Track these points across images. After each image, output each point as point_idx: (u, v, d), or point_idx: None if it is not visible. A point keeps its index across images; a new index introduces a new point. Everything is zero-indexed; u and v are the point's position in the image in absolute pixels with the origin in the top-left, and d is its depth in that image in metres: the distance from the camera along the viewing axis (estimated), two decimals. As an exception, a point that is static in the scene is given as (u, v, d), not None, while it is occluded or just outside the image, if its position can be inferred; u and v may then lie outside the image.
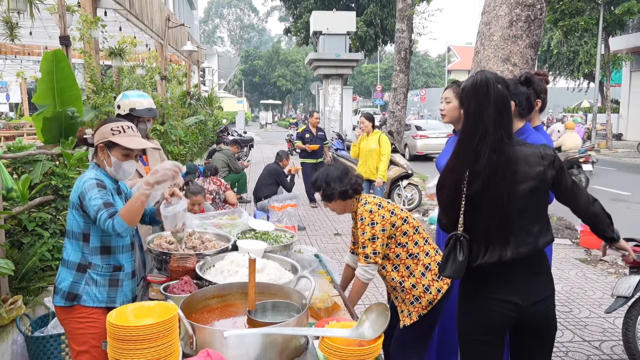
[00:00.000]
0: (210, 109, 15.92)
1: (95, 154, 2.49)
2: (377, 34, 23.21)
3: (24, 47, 12.65)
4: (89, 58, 6.23)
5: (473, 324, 2.20)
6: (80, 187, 2.34)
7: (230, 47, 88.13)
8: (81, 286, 2.37)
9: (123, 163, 2.43)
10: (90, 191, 2.29)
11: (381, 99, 38.78)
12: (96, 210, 2.25)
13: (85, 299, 2.36)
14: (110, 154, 2.41)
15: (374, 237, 2.64)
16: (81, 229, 2.37)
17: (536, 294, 2.13)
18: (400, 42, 12.23)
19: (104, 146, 2.41)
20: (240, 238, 3.15)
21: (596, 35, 20.94)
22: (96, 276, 2.38)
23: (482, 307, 2.15)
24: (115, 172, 2.45)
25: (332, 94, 17.17)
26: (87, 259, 2.38)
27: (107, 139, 2.40)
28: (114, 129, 2.41)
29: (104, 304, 2.38)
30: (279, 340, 1.90)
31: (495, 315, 2.13)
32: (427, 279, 2.72)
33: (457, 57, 60.72)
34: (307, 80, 54.37)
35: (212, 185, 7.19)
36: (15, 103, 22.13)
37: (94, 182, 2.33)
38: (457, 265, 2.08)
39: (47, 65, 4.19)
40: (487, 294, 2.14)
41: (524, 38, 6.95)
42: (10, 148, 3.98)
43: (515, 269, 2.09)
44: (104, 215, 2.23)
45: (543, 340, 2.23)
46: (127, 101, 3.35)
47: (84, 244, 2.38)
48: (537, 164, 2.08)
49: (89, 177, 2.37)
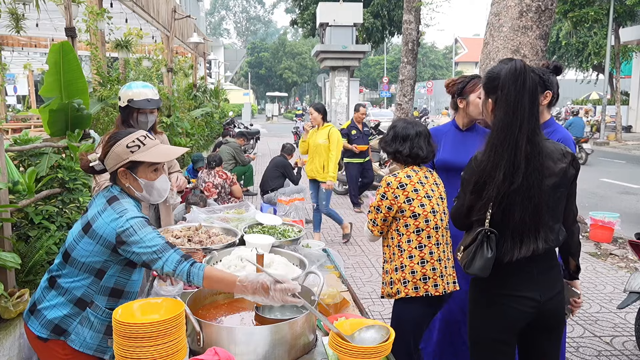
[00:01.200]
0: (216, 101, 15.90)
1: (114, 180, 2.08)
2: (384, 26, 23.03)
3: (31, 39, 12.66)
4: (96, 50, 6.21)
5: (490, 323, 2.15)
6: (121, 224, 1.92)
7: (236, 39, 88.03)
8: (74, 324, 2.02)
9: (155, 182, 2.06)
10: (141, 230, 1.92)
11: (388, 91, 38.60)
12: (159, 251, 1.90)
13: (73, 338, 2.02)
14: (137, 176, 2.04)
15: (378, 208, 2.64)
16: (99, 265, 1.99)
17: (552, 288, 2.10)
18: (408, 34, 12.12)
19: (125, 170, 2.02)
20: (248, 232, 3.12)
21: (606, 26, 20.69)
22: (94, 318, 2.02)
23: (501, 305, 2.11)
24: (148, 195, 2.07)
25: (338, 86, 17.11)
26: (91, 296, 2.02)
27: (126, 160, 2.00)
28: (130, 145, 2.01)
29: (92, 352, 2.04)
30: (288, 338, 1.87)
31: (514, 313, 2.09)
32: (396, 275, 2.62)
33: (465, 48, 60.29)
34: (314, 73, 54.19)
35: (217, 179, 7.14)
36: (22, 95, 22.21)
37: (142, 219, 1.95)
38: (484, 261, 2.02)
39: (54, 57, 4.16)
40: (507, 291, 2.09)
41: (534, 29, 6.85)
42: (16, 141, 3.97)
43: (533, 264, 2.06)
44: (173, 257, 1.90)
45: (552, 334, 2.20)
46: (128, 92, 3.19)
47: (95, 280, 2.01)
48: (560, 160, 2.05)
49: (133, 214, 1.96)
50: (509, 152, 1.97)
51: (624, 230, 7.02)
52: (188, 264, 1.90)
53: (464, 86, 2.97)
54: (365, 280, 5.45)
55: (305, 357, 1.93)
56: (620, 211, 7.11)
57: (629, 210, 8.98)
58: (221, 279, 1.92)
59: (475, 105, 2.90)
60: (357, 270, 5.79)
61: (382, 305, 4.73)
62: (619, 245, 6.74)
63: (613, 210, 7.10)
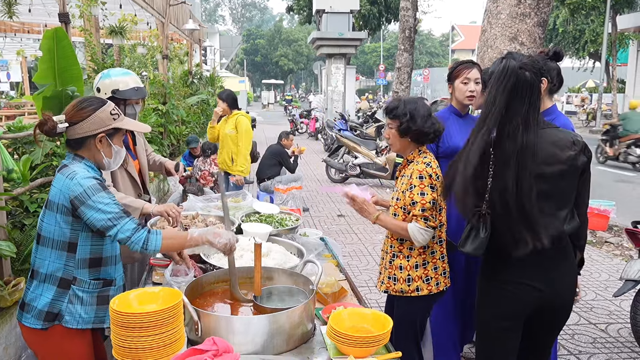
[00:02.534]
0: (212, 88, 15.78)
1: (79, 145, 2.05)
2: (380, 12, 22.91)
3: (24, 24, 12.50)
4: (90, 36, 6.13)
5: (495, 311, 2.17)
6: (72, 188, 1.93)
7: (231, 26, 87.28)
8: (63, 304, 2.02)
9: (121, 150, 2.15)
10: (96, 195, 1.92)
11: (384, 79, 38.47)
12: (114, 218, 1.91)
13: (67, 319, 2.02)
14: (112, 143, 2.08)
15: (434, 201, 2.40)
16: (67, 238, 1.99)
17: (560, 281, 2.10)
18: (405, 21, 12.04)
19: (104, 135, 2.05)
20: (245, 221, 3.10)
21: (603, 13, 20.61)
22: (82, 293, 2.03)
23: (506, 293, 2.12)
24: (112, 162, 2.12)
25: (335, 74, 17.02)
26: (72, 273, 2.02)
27: (109, 126, 2.04)
28: (113, 112, 2.07)
29: (91, 325, 2.07)
30: (286, 327, 1.86)
31: (518, 301, 2.11)
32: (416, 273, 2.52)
33: (461, 36, 60.01)
34: (310, 60, 53.93)
35: (214, 167, 7.11)
36: (15, 82, 22.00)
37: (95, 183, 1.95)
38: (479, 242, 2.05)
39: (47, 44, 4.09)
40: (512, 279, 2.11)
41: (532, 16, 6.81)
42: (10, 128, 3.92)
43: (542, 255, 2.05)
44: (129, 224, 1.92)
45: (553, 326, 2.22)
46: (108, 81, 2.86)
47: (69, 255, 2.01)
48: (569, 148, 2.04)
49: (84, 175, 1.96)
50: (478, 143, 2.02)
51: (619, 218, 7.05)
52: (145, 231, 1.96)
53: (452, 72, 3.06)
54: (362, 269, 5.46)
55: (304, 346, 1.93)
56: (616, 199, 7.14)
57: (624, 198, 9.01)
58: (176, 236, 2.07)
59: (459, 90, 3.00)
60: (354, 258, 5.79)
61: (379, 294, 4.74)
62: (614, 233, 6.78)
63: (608, 199, 7.13)
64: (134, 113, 2.98)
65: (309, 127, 19.68)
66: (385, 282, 2.61)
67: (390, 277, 2.58)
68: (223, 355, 1.63)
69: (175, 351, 1.71)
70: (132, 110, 2.96)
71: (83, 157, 2.06)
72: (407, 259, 2.54)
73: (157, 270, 2.57)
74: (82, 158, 2.05)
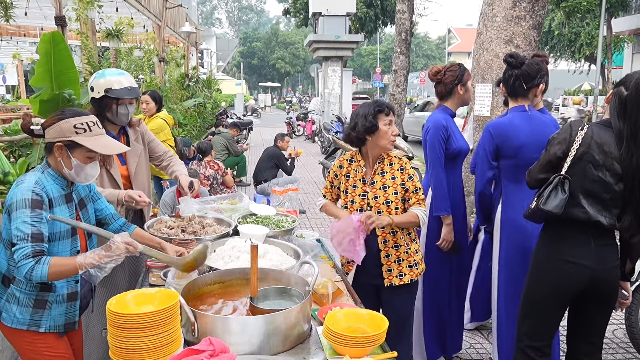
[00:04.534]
0: (209, 91, 15.80)
1: (48, 151, 2.10)
2: (377, 15, 22.97)
3: (20, 28, 12.50)
4: (86, 39, 6.14)
5: (547, 285, 2.36)
6: (13, 195, 1.96)
7: (228, 29, 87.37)
8: (2, 301, 2.08)
9: (86, 166, 2.09)
10: (21, 209, 1.92)
11: (381, 82, 38.51)
12: (20, 238, 1.89)
13: (4, 316, 2.07)
14: (72, 156, 2.05)
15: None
16: (9, 237, 1.98)
17: (608, 260, 2.27)
18: (401, 24, 12.08)
19: (62, 146, 2.04)
20: (241, 223, 3.11)
21: (598, 16, 20.71)
22: (19, 294, 2.05)
23: (559, 270, 2.30)
24: (75, 175, 2.09)
25: (331, 76, 17.05)
26: (12, 272, 2.04)
27: (68, 137, 2.03)
28: (78, 126, 2.04)
29: (25, 327, 2.07)
30: (282, 328, 1.87)
31: (570, 279, 2.28)
32: (419, 254, 2.83)
33: (458, 39, 60.18)
34: (307, 63, 53.95)
35: (209, 170, 7.10)
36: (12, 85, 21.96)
37: (28, 198, 1.94)
38: (559, 201, 2.20)
39: (44, 47, 4.10)
40: (565, 257, 2.29)
41: (527, 19, 6.85)
42: (6, 131, 3.93)
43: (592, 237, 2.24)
44: (25, 250, 1.88)
45: (604, 304, 2.37)
46: (102, 80, 2.84)
47: (11, 254, 1.98)
48: None
49: (26, 187, 1.96)
50: None
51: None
52: (33, 261, 1.88)
53: (464, 74, 3.19)
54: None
55: (300, 347, 1.93)
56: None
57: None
58: (63, 264, 1.93)
59: (470, 91, 3.23)
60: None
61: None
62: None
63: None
64: (127, 113, 2.94)
65: (305, 130, 19.71)
66: (406, 272, 2.75)
67: (412, 265, 2.76)
68: (220, 356, 1.64)
69: (172, 352, 1.72)
70: (125, 110, 2.91)
71: (49, 166, 2.10)
72: (415, 242, 2.83)
73: (154, 272, 2.58)
74: (48, 166, 2.10)
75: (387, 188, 2.69)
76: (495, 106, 7.03)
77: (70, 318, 2.18)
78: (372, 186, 2.72)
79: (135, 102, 3.01)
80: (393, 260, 2.73)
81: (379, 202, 2.68)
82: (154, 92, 5.85)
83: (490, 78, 7.06)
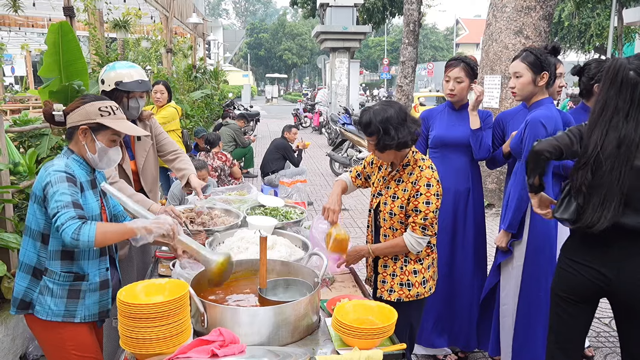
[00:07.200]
0: (216, 82, 15.78)
1: (70, 137, 2.12)
2: (384, 6, 22.79)
3: (28, 18, 12.53)
4: (94, 30, 6.14)
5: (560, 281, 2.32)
6: (45, 177, 1.97)
7: (235, 20, 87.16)
8: (35, 294, 2.05)
9: (110, 150, 2.12)
10: (57, 184, 1.93)
11: (388, 73, 38.37)
12: (61, 206, 1.88)
13: (38, 309, 2.04)
14: (96, 139, 2.08)
15: (436, 210, 2.38)
16: (40, 228, 2.02)
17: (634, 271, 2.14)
18: (409, 14, 11.99)
19: (87, 128, 2.06)
20: (250, 214, 3.12)
21: (609, 6, 20.47)
22: (52, 285, 2.03)
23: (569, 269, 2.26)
24: (98, 159, 2.11)
25: (339, 68, 16.98)
26: (44, 263, 2.04)
27: (93, 120, 2.05)
28: (103, 109, 2.07)
29: (60, 318, 2.05)
30: (292, 319, 1.87)
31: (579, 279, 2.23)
32: (429, 273, 2.54)
33: (466, 30, 59.73)
34: (314, 54, 53.78)
35: (217, 161, 7.11)
36: (20, 76, 22.07)
37: (63, 175, 1.97)
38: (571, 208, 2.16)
39: (53, 38, 4.11)
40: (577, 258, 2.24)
41: (537, 9, 6.79)
42: (16, 122, 3.94)
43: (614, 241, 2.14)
44: (69, 213, 1.87)
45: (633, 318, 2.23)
46: (113, 73, 2.84)
47: (42, 245, 2.03)
48: None
49: (57, 167, 1.99)
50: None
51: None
52: (79, 222, 1.87)
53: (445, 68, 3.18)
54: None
55: (309, 338, 1.94)
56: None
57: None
58: (116, 228, 1.97)
59: (443, 87, 3.20)
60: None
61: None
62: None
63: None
64: (138, 107, 2.93)
65: (312, 121, 19.69)
66: (396, 290, 2.50)
67: (403, 284, 2.49)
68: (229, 346, 1.65)
69: (182, 342, 1.73)
70: (136, 103, 2.91)
71: (73, 152, 2.11)
72: (419, 263, 2.50)
73: (163, 263, 2.59)
74: (71, 152, 2.10)
75: (396, 199, 2.45)
76: (504, 98, 6.99)
77: (104, 306, 2.17)
78: (387, 191, 2.51)
79: (145, 96, 2.99)
80: (389, 272, 2.53)
81: (385, 211, 2.49)
82: (166, 82, 5.87)
83: (499, 69, 7.01)
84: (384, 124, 2.30)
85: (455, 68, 3.08)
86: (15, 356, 3.09)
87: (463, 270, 3.24)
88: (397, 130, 2.30)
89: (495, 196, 7.23)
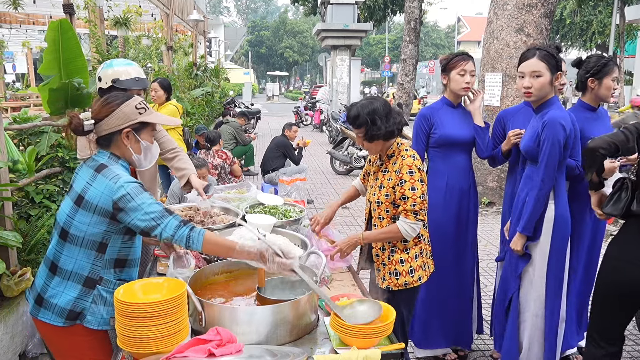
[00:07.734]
0: (216, 80, 15.77)
1: (108, 143, 2.03)
2: (386, 4, 22.73)
3: (29, 16, 12.52)
4: (94, 27, 6.14)
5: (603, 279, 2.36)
6: (117, 190, 1.89)
7: (236, 18, 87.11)
8: (87, 304, 1.99)
9: (152, 147, 2.08)
10: (139, 196, 1.89)
11: (389, 71, 38.31)
12: (157, 217, 1.88)
13: (89, 319, 1.99)
14: (140, 138, 2.03)
15: (423, 195, 2.42)
16: (99, 238, 1.96)
17: None
18: (410, 12, 11.97)
19: (130, 130, 2.00)
20: (249, 212, 3.11)
21: (611, 4, 20.42)
22: (106, 294, 2.00)
23: (613, 267, 2.29)
24: (142, 158, 2.06)
25: (340, 66, 16.95)
26: (99, 272, 1.99)
27: (135, 120, 1.99)
28: (138, 106, 2.01)
29: (109, 327, 2.02)
30: (290, 318, 1.87)
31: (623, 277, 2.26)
32: (416, 262, 2.56)
33: (467, 27, 59.65)
34: (315, 52, 53.73)
35: (217, 159, 7.10)
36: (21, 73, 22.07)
37: (137, 185, 1.92)
38: (621, 203, 2.22)
39: (52, 35, 4.10)
40: (623, 256, 2.27)
41: (539, 7, 6.76)
42: (16, 119, 3.94)
43: None
44: (172, 222, 1.88)
45: None
46: (110, 71, 2.82)
47: (98, 255, 1.98)
48: None
49: (126, 179, 1.92)
50: None
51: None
52: (187, 229, 1.89)
53: (447, 63, 3.08)
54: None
55: (307, 337, 1.94)
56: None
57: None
58: (221, 243, 1.96)
59: (456, 81, 3.03)
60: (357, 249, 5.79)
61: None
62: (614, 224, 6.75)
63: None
64: None
65: (313, 119, 19.67)
66: (386, 278, 2.58)
67: (392, 273, 2.56)
68: (227, 345, 1.64)
69: (179, 341, 1.72)
70: None
71: (119, 157, 2.03)
72: (406, 252, 2.55)
73: (162, 261, 2.58)
74: (118, 158, 2.03)
75: (382, 188, 2.52)
76: (505, 96, 6.97)
77: None
78: (375, 182, 2.60)
79: (143, 93, 2.97)
80: (380, 261, 2.60)
81: (374, 201, 2.57)
82: (163, 80, 5.82)
83: (500, 67, 6.99)
84: (371, 115, 2.42)
85: (469, 61, 2.99)
86: (14, 354, 3.09)
87: (464, 267, 3.24)
88: (384, 121, 2.42)
89: (495, 194, 7.21)
